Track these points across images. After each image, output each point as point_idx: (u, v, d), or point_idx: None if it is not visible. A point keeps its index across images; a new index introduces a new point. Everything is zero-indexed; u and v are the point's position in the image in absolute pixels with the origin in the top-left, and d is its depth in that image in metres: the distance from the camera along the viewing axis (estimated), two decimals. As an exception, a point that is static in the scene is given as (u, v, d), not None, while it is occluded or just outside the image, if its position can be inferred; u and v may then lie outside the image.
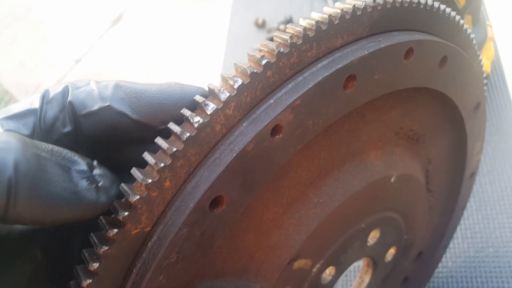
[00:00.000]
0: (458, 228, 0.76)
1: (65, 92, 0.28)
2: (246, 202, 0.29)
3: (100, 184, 0.24)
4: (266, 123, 0.27)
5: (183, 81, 0.30)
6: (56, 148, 0.24)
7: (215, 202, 0.27)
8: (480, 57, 0.48)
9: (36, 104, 0.28)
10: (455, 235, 0.76)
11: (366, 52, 0.30)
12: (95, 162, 0.26)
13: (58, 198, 0.22)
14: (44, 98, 0.28)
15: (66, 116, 0.27)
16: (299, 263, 0.38)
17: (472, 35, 0.44)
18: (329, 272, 0.43)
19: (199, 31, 1.92)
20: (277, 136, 0.28)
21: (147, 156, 0.26)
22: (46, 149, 0.23)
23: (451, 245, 0.75)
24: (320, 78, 0.28)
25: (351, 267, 0.70)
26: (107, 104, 0.27)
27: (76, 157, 0.24)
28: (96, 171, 0.25)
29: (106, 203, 0.25)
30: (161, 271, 0.27)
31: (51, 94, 0.28)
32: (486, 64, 0.81)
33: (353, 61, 0.29)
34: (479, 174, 0.77)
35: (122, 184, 0.26)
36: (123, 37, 2.11)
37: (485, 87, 0.48)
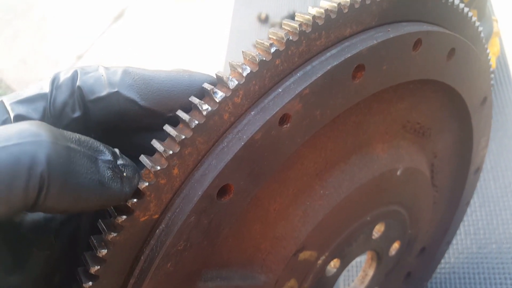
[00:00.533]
0: (461, 224, 0.76)
1: (74, 77, 0.28)
2: (254, 191, 0.29)
3: (124, 174, 0.25)
4: (275, 112, 0.27)
5: None
6: (83, 137, 0.24)
7: (223, 191, 0.27)
8: (488, 51, 0.47)
9: (46, 89, 0.28)
10: (458, 231, 0.76)
11: (375, 42, 0.30)
12: (117, 151, 0.25)
13: (86, 189, 0.23)
14: (54, 83, 0.28)
15: (75, 101, 0.27)
16: (304, 255, 0.38)
17: (481, 28, 0.44)
18: (334, 264, 0.43)
19: (202, 27, 1.92)
20: (285, 126, 0.28)
21: (155, 143, 0.26)
22: (74, 139, 0.23)
23: (454, 241, 0.75)
24: (329, 67, 0.28)
25: (353, 262, 0.70)
26: (116, 90, 0.27)
27: (101, 146, 0.25)
28: (120, 161, 0.25)
29: (130, 193, 0.25)
30: (168, 258, 0.27)
31: (61, 79, 0.28)
32: (491, 60, 0.81)
33: (362, 50, 0.29)
34: (483, 170, 0.77)
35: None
36: (125, 34, 2.11)
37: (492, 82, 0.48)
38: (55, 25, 2.32)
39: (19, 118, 0.28)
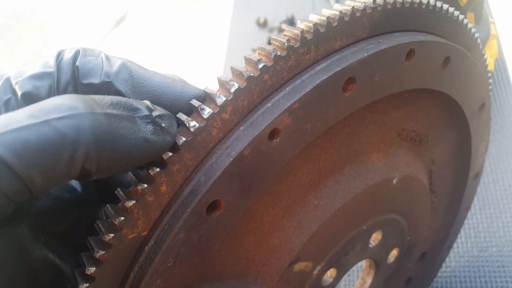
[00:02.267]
0: (462, 227, 0.76)
1: (76, 56, 0.28)
2: (244, 206, 0.29)
3: (163, 125, 0.25)
4: (264, 127, 0.27)
5: (186, 80, 0.30)
6: (115, 99, 0.24)
7: (212, 207, 0.27)
8: (485, 57, 0.47)
9: (51, 67, 0.28)
10: (458, 235, 0.75)
11: (366, 55, 0.30)
12: (149, 103, 0.26)
13: (134, 149, 0.23)
14: (58, 61, 0.29)
15: (76, 82, 0.28)
16: (299, 266, 0.38)
17: (477, 35, 0.43)
18: (330, 274, 0.43)
19: (202, 31, 1.92)
20: (274, 140, 0.28)
21: (143, 161, 0.26)
22: (108, 104, 0.23)
23: (454, 245, 0.75)
24: (318, 81, 0.28)
25: (354, 267, 0.70)
26: (109, 80, 0.27)
27: (134, 103, 0.25)
28: (155, 113, 0.25)
29: (172, 142, 0.25)
30: (158, 275, 0.27)
31: (64, 58, 0.28)
32: (489, 62, 0.80)
33: (353, 63, 0.29)
34: (482, 173, 0.76)
35: (118, 189, 0.26)
36: (126, 37, 2.11)
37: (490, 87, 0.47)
38: (57, 29, 2.33)
39: (26, 95, 0.28)
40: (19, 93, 0.28)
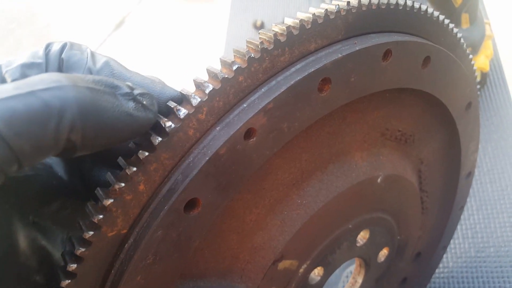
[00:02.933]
0: (459, 228, 0.76)
1: (63, 49, 0.29)
2: (223, 204, 0.30)
3: (144, 102, 0.26)
4: (239, 127, 0.28)
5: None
6: (97, 77, 0.25)
7: (190, 205, 0.28)
8: (470, 56, 0.47)
9: (39, 57, 0.30)
10: (455, 235, 0.75)
11: (340, 55, 0.30)
12: (130, 83, 0.27)
13: (117, 122, 0.24)
14: (46, 52, 0.30)
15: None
16: (284, 264, 0.38)
17: (460, 35, 0.44)
18: (318, 272, 0.43)
19: (200, 34, 1.94)
20: (251, 140, 0.29)
21: (121, 160, 0.27)
22: (90, 81, 0.24)
23: (452, 245, 0.75)
24: (292, 82, 0.29)
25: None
26: None
27: (115, 81, 0.26)
28: (136, 91, 0.26)
29: (154, 118, 0.26)
30: (138, 272, 0.28)
31: (52, 50, 0.30)
32: (485, 62, 0.81)
33: (326, 64, 0.30)
34: (479, 173, 0.76)
35: (98, 188, 0.27)
36: (125, 41, 2.14)
37: (485, 85, 0.47)
38: (57, 33, 2.36)
39: None
40: (8, 80, 0.29)
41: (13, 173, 0.22)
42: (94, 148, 0.25)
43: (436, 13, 0.39)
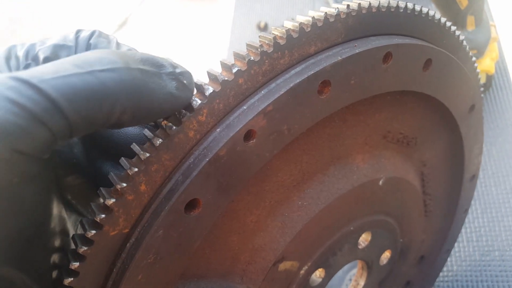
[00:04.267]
0: (463, 231, 0.75)
1: (91, 35, 0.31)
2: (223, 205, 0.30)
3: (184, 82, 0.27)
4: (239, 129, 0.28)
5: None
6: (144, 56, 0.26)
7: (191, 205, 0.28)
8: (473, 59, 0.47)
9: (70, 41, 0.32)
10: (460, 238, 0.75)
11: (340, 58, 0.31)
12: (172, 61, 0.28)
13: (163, 103, 0.26)
14: (75, 36, 0.32)
15: None
16: (285, 265, 0.39)
17: (462, 37, 0.44)
18: (319, 274, 0.43)
19: (204, 34, 1.95)
20: (251, 141, 0.29)
21: (123, 161, 0.27)
22: (140, 60, 0.26)
23: (456, 249, 0.74)
24: (292, 85, 0.29)
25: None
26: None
27: (160, 60, 0.27)
28: (178, 70, 0.27)
29: (191, 97, 0.28)
30: (139, 270, 0.28)
31: (81, 35, 0.32)
32: (490, 65, 0.80)
33: (326, 67, 0.30)
34: (484, 176, 0.76)
35: (101, 188, 0.27)
36: (129, 41, 2.16)
37: (491, 88, 0.47)
38: (60, 33, 2.39)
39: (47, 60, 0.31)
40: (41, 57, 0.31)
41: (62, 144, 0.24)
42: (138, 124, 0.27)
43: (437, 16, 0.39)
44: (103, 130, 0.32)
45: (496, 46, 0.82)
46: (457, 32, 0.42)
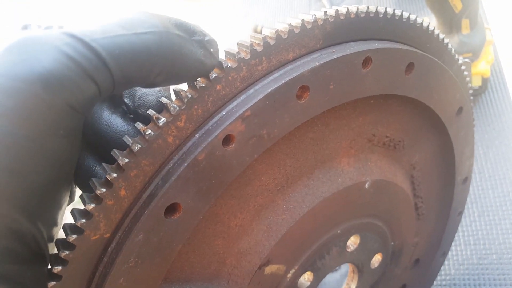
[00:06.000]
0: (461, 234, 0.75)
1: None
2: (204, 209, 0.31)
3: (211, 50, 0.28)
4: (217, 133, 0.29)
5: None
6: (178, 21, 0.28)
7: (171, 209, 0.29)
8: (460, 61, 0.48)
9: None
10: (457, 242, 0.75)
11: (317, 64, 0.31)
12: (202, 28, 0.29)
13: (192, 69, 0.27)
14: None
15: None
16: (271, 268, 0.39)
17: (447, 41, 0.44)
18: (307, 277, 0.44)
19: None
20: (230, 146, 0.30)
21: (104, 165, 0.28)
22: (174, 23, 0.27)
23: (453, 252, 0.74)
24: (269, 90, 0.30)
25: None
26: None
27: (193, 27, 0.28)
28: (207, 38, 0.28)
29: (216, 65, 0.29)
30: (120, 274, 0.29)
31: None
32: (486, 68, 0.80)
33: (304, 72, 0.31)
34: (481, 179, 0.76)
35: (82, 194, 0.28)
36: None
37: (486, 91, 0.46)
38: None
39: None
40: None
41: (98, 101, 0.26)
42: (166, 85, 0.28)
43: (419, 20, 0.40)
44: (92, 123, 0.33)
45: (491, 49, 0.82)
46: (441, 36, 0.43)
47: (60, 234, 0.29)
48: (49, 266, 0.28)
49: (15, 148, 0.22)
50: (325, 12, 0.32)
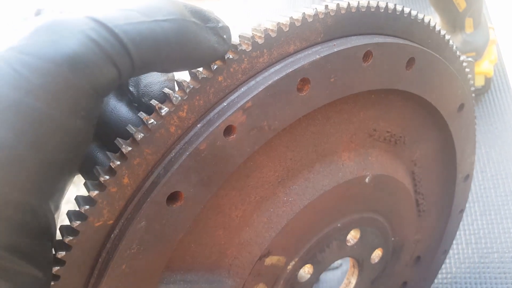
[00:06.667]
0: (462, 233, 0.75)
1: None
2: (206, 198, 0.31)
3: (224, 36, 0.29)
4: (218, 124, 0.29)
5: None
6: (193, 8, 0.28)
7: (173, 198, 0.30)
8: (462, 58, 0.48)
9: None
10: (459, 240, 0.75)
11: (318, 57, 0.32)
12: (215, 15, 0.30)
13: (206, 55, 0.28)
14: None
15: None
16: (271, 259, 0.39)
17: (448, 37, 0.44)
18: (307, 270, 0.44)
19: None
20: (231, 136, 0.30)
21: (108, 153, 0.29)
22: (191, 12, 0.28)
23: (455, 251, 0.74)
24: (270, 82, 0.30)
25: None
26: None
27: (207, 14, 0.29)
28: (220, 24, 0.29)
29: (228, 50, 0.30)
30: (123, 260, 0.29)
31: None
32: (489, 67, 0.80)
33: (304, 65, 0.31)
34: (483, 178, 0.76)
35: (86, 181, 0.29)
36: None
37: (489, 90, 0.46)
38: None
39: None
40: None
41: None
42: (181, 71, 0.29)
43: (420, 16, 0.40)
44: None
45: (494, 49, 0.82)
46: (443, 32, 0.43)
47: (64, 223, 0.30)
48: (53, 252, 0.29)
49: (40, 124, 0.23)
50: (326, 6, 0.33)
